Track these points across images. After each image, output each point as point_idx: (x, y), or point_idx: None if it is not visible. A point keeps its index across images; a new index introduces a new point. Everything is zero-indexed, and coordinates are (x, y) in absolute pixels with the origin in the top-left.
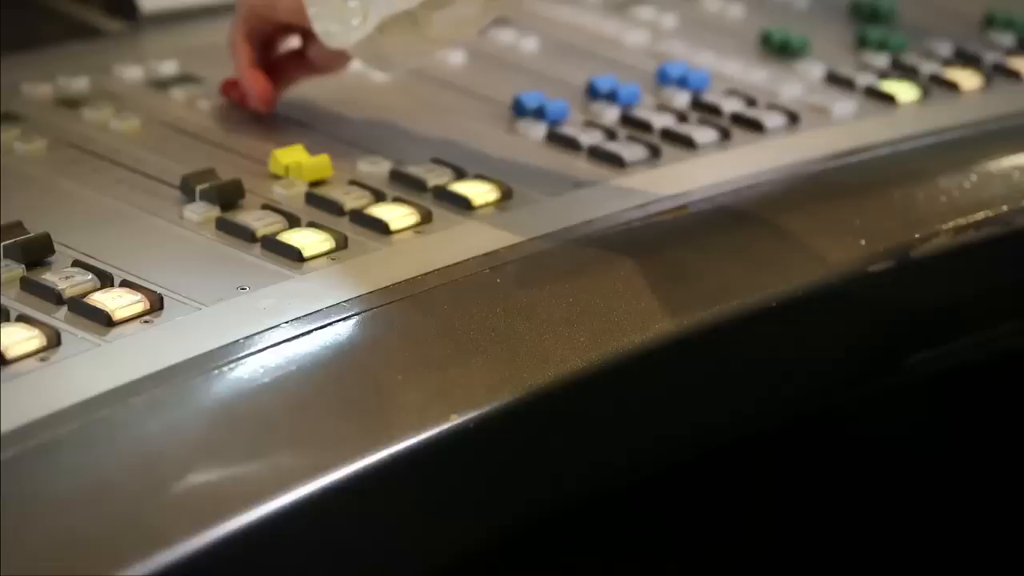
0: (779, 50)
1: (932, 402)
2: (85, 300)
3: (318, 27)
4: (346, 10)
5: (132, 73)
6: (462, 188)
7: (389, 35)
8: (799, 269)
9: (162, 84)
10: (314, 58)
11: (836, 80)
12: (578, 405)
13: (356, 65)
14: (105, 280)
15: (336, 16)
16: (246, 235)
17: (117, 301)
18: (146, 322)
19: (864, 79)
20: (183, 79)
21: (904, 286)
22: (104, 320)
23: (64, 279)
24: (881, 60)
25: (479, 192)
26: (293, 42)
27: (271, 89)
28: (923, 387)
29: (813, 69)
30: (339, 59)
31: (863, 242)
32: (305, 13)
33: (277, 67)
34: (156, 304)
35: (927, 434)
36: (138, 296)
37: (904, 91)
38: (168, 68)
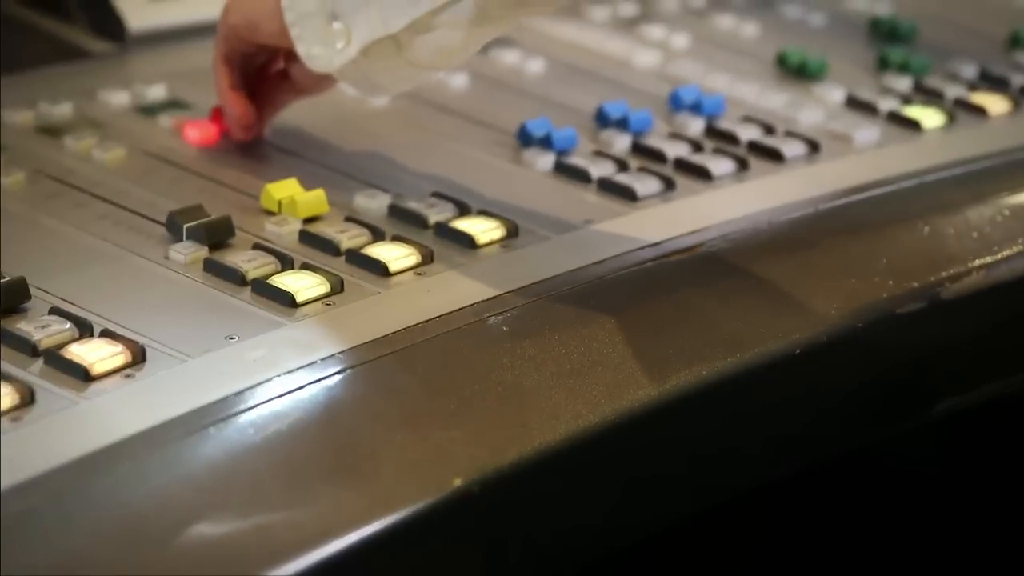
0: (796, 72)
1: (961, 435)
2: (62, 352)
3: (301, 49)
4: (330, 33)
5: (118, 98)
6: (465, 225)
7: (374, 59)
8: (823, 313)
9: (149, 110)
10: (298, 79)
11: (857, 105)
12: (591, 464)
13: (352, 90)
14: (84, 329)
15: (319, 38)
16: (235, 278)
17: (96, 353)
18: (127, 376)
19: (886, 104)
20: (171, 105)
21: (935, 328)
22: (82, 375)
23: (40, 328)
24: (903, 83)
25: (483, 230)
26: (278, 65)
27: (252, 113)
28: (953, 422)
29: (832, 93)
30: (324, 80)
31: (891, 282)
32: (288, 35)
33: (262, 91)
34: (138, 356)
35: (954, 466)
36: (119, 347)
37: (929, 117)
38: (156, 93)
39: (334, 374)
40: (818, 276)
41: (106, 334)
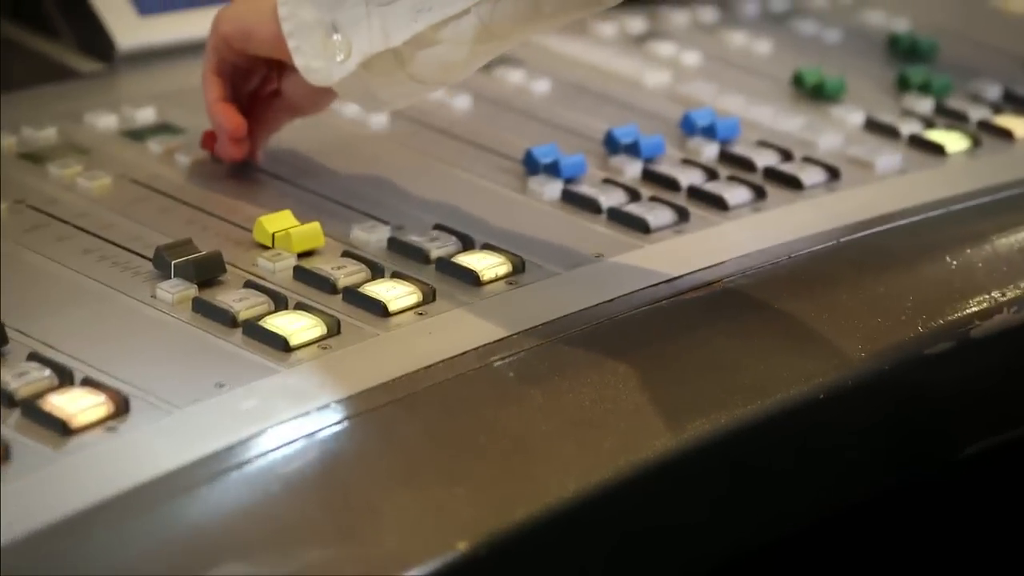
0: (812, 93)
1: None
2: (40, 404)
3: (299, 62)
4: (329, 45)
5: (105, 121)
6: (469, 260)
7: (374, 73)
8: (847, 354)
9: (137, 134)
10: (292, 96)
11: (877, 128)
12: (604, 522)
13: (350, 112)
14: (64, 377)
15: (318, 51)
16: (226, 319)
17: (77, 404)
18: (109, 429)
19: (908, 127)
20: (160, 129)
21: (964, 368)
22: (60, 429)
23: (17, 376)
24: (924, 105)
25: (488, 266)
26: (271, 86)
27: (243, 126)
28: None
29: (851, 115)
30: (320, 97)
31: (917, 320)
32: (282, 46)
33: (255, 113)
34: (121, 407)
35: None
36: (101, 397)
37: (953, 141)
38: (145, 116)
39: (330, 426)
40: (841, 314)
41: (88, 382)
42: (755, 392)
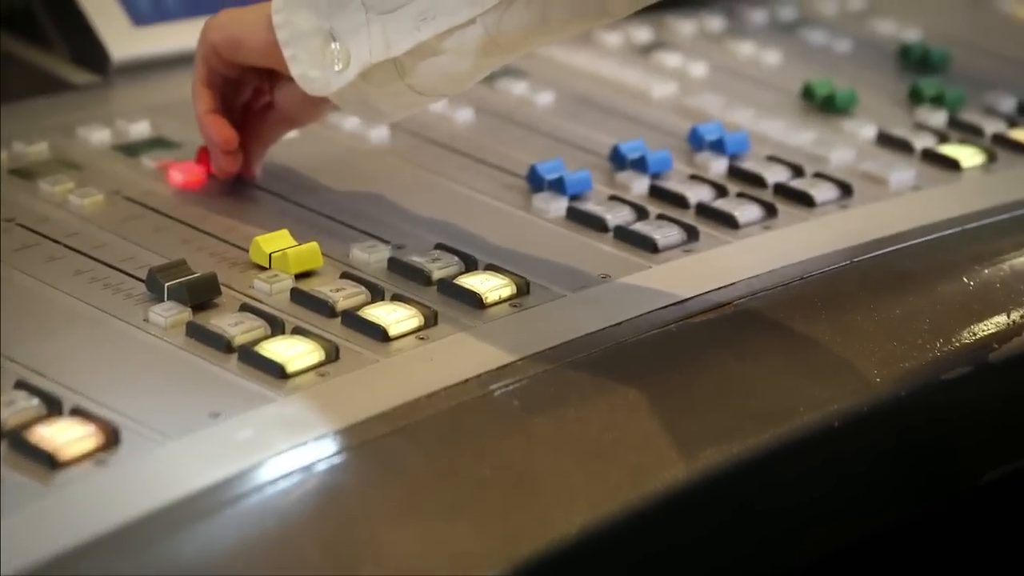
0: (823, 105)
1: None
2: (27, 435)
3: (296, 71)
4: (327, 54)
5: (98, 136)
6: (472, 282)
7: (373, 84)
8: (863, 379)
9: (131, 149)
10: (285, 106)
11: (890, 142)
12: (612, 558)
13: (350, 126)
14: (53, 407)
15: (316, 60)
16: (220, 344)
17: (65, 435)
18: (99, 462)
19: (921, 141)
20: (155, 143)
21: (984, 393)
22: (48, 462)
23: (6, 406)
24: (938, 118)
25: (491, 287)
26: (265, 99)
27: (234, 138)
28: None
29: (863, 129)
30: (315, 106)
31: (934, 344)
32: (274, 55)
33: (249, 128)
34: (112, 438)
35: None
36: (91, 428)
37: (967, 156)
38: (139, 130)
39: (328, 457)
40: (856, 338)
41: (77, 412)
42: (768, 420)
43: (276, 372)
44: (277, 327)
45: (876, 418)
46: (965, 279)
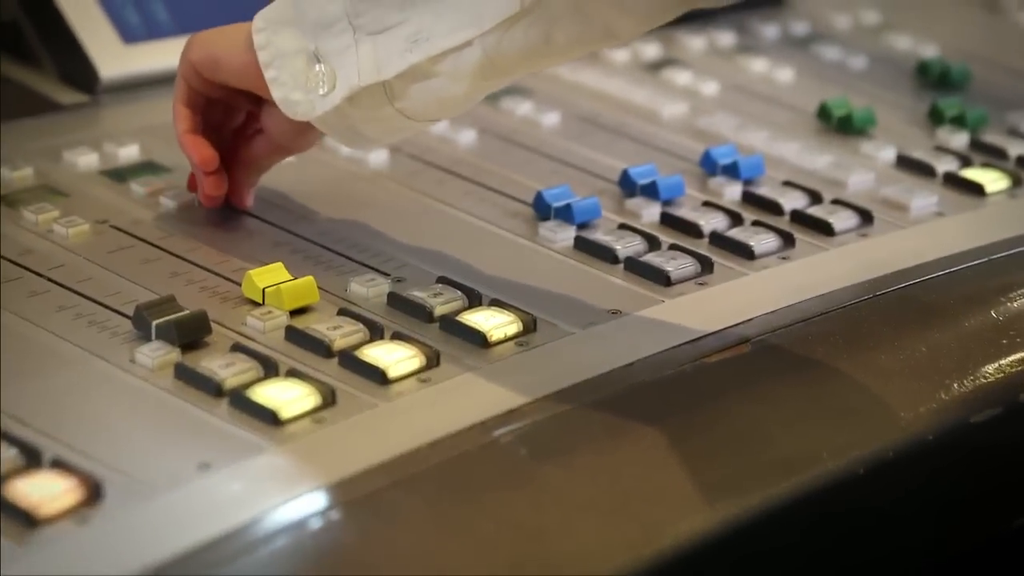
0: (840, 126)
1: None
2: (3, 490)
3: (277, 94)
4: (312, 76)
5: (86, 160)
6: (475, 319)
7: (360, 108)
8: (888, 423)
9: (120, 174)
10: (273, 133)
11: (910, 165)
12: None
13: (347, 149)
14: (32, 459)
15: (299, 82)
16: (210, 388)
17: (45, 490)
18: (80, 520)
19: (943, 164)
20: (144, 168)
21: (1015, 435)
22: (26, 521)
23: None
24: (959, 139)
25: (496, 325)
26: (256, 125)
27: (214, 158)
28: None
29: (882, 151)
30: (305, 135)
31: (962, 383)
32: (251, 76)
33: (239, 154)
34: (94, 493)
35: None
36: (72, 482)
37: (991, 180)
38: (128, 154)
39: (324, 512)
40: (880, 377)
41: (58, 464)
42: (788, 468)
43: (269, 419)
44: (270, 369)
45: (902, 463)
46: (993, 313)
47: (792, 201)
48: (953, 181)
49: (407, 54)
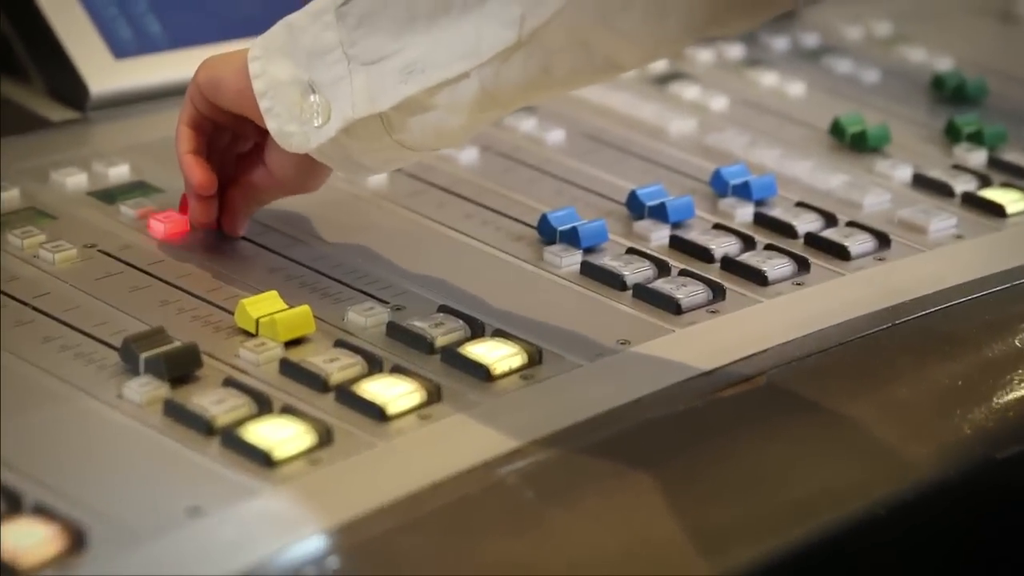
0: (853, 143)
1: None
2: None
3: (272, 125)
4: (306, 107)
5: (74, 181)
6: (478, 351)
7: (358, 139)
8: (909, 461)
9: (109, 195)
10: (277, 170)
11: (927, 184)
12: None
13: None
14: (13, 504)
15: (294, 114)
16: (201, 426)
17: (25, 539)
18: (62, 571)
19: (961, 184)
20: (134, 188)
21: None
22: (5, 572)
23: None
24: (977, 157)
25: (500, 357)
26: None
27: (212, 182)
28: None
29: (897, 170)
30: (312, 176)
31: (987, 418)
32: (248, 103)
33: (241, 183)
34: (76, 541)
35: None
36: (54, 528)
37: (1012, 200)
38: (118, 173)
39: (320, 559)
40: (901, 412)
41: (39, 510)
42: (805, 510)
43: (262, 460)
44: (264, 405)
45: (925, 503)
46: (1018, 342)
47: (806, 223)
48: (972, 201)
49: (401, 86)
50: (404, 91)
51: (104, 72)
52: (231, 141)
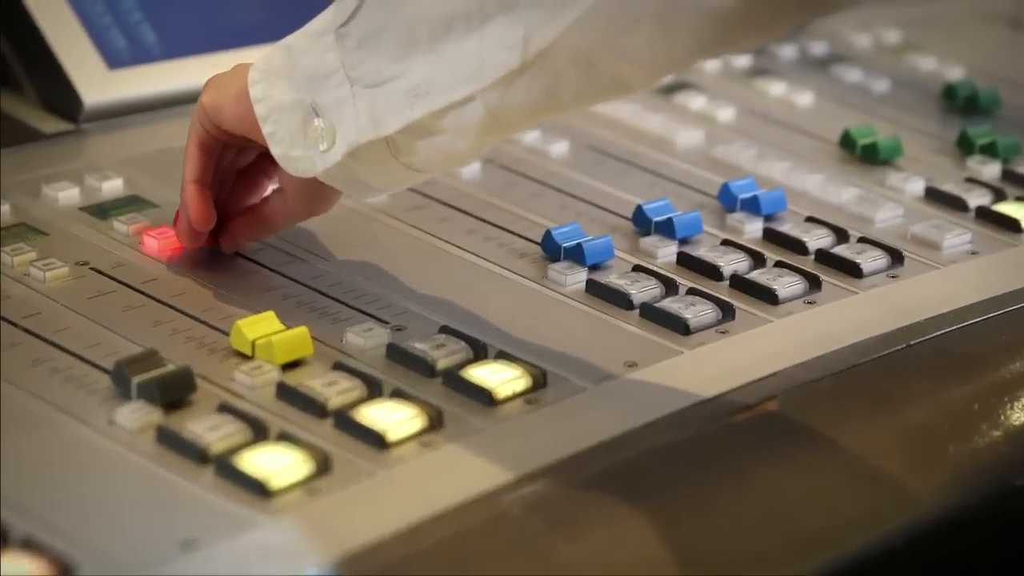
0: (864, 155)
1: None
2: None
3: (277, 150)
4: (311, 131)
5: (66, 195)
6: (481, 374)
7: (364, 163)
8: (927, 488)
9: (102, 210)
10: (287, 192)
11: (940, 198)
12: None
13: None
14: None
15: (298, 138)
16: (194, 454)
17: (12, 573)
18: None
19: (975, 198)
20: (128, 203)
21: None
22: None
23: None
24: (991, 170)
25: (503, 380)
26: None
27: (209, 218)
28: None
29: (910, 183)
30: (320, 200)
31: (1006, 444)
32: (250, 127)
33: (236, 195)
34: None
35: None
36: (43, 563)
37: None
38: (112, 188)
39: None
40: (917, 438)
41: (28, 545)
42: (820, 542)
43: (258, 490)
44: (260, 432)
45: (944, 533)
46: None
47: (817, 239)
48: (986, 216)
49: (406, 110)
50: (409, 115)
51: (98, 82)
52: (236, 155)
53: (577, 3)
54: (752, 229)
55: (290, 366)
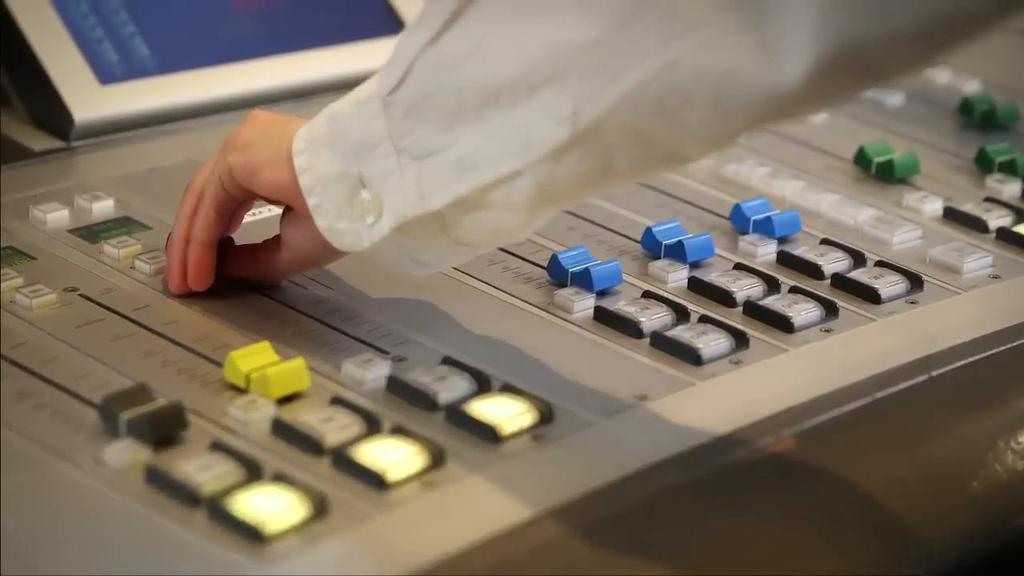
0: (880, 173)
1: None
2: None
3: (322, 223)
4: (356, 204)
5: (55, 217)
6: (485, 409)
7: (413, 237)
8: (947, 535)
9: (92, 234)
10: (297, 248)
11: (959, 219)
12: None
13: None
14: None
15: (344, 211)
16: (185, 496)
17: None
18: None
19: (995, 219)
20: (119, 225)
21: None
22: None
23: None
24: (1011, 188)
25: (508, 416)
26: None
27: (207, 283)
28: None
29: (927, 203)
30: (328, 251)
31: None
32: (291, 195)
33: (253, 265)
34: None
35: None
36: None
37: None
38: (102, 209)
39: None
40: (937, 480)
41: None
42: None
43: (251, 535)
44: (254, 472)
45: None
46: None
47: (833, 263)
48: (1007, 237)
49: (455, 184)
50: (456, 189)
51: (89, 99)
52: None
53: (626, 77)
54: (765, 252)
55: (286, 399)
